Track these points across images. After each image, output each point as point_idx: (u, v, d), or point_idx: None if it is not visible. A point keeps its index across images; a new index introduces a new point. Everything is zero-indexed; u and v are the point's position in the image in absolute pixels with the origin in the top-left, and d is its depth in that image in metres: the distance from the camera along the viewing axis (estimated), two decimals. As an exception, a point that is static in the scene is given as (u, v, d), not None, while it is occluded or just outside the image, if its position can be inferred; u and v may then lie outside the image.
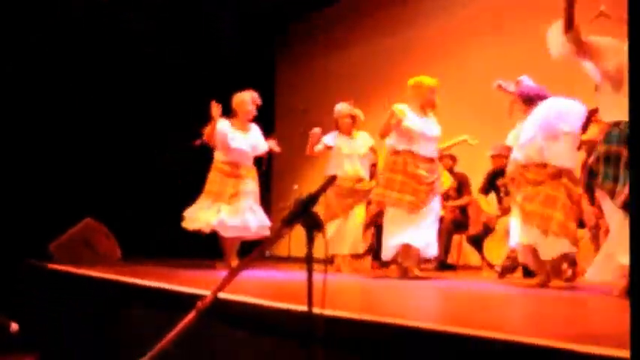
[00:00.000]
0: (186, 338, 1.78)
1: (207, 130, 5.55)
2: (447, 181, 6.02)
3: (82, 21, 7.63)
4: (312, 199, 1.69)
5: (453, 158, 6.43)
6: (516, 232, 4.18)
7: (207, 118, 5.67)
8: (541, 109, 4.18)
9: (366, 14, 8.82)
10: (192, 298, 2.83)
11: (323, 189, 1.75)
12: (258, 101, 5.71)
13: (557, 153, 4.04)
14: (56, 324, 4.28)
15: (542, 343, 1.57)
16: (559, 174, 4.03)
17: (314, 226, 1.66)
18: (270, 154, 6.01)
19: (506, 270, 5.16)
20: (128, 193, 7.69)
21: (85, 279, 4.03)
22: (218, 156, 5.66)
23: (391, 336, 1.88)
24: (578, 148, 4.91)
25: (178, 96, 8.35)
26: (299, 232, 6.00)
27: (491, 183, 5.73)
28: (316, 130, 5.63)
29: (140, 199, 7.76)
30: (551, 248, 3.98)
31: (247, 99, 5.64)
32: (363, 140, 5.76)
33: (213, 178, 5.60)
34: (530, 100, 4.26)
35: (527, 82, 4.43)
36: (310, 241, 1.65)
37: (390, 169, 4.82)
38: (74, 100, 7.57)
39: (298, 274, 5.28)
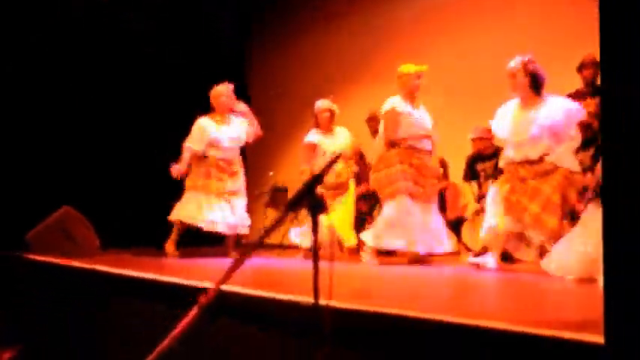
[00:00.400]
0: (188, 334, 1.76)
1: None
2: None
3: (83, 21, 7.52)
4: (317, 179, 1.65)
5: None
6: (492, 216, 4.22)
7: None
8: (548, 110, 4.07)
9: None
10: (179, 289, 2.82)
11: (328, 167, 1.73)
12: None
13: (561, 155, 4.02)
14: (38, 316, 4.21)
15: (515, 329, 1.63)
16: (553, 170, 4.01)
17: (318, 208, 1.61)
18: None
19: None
20: (107, 182, 7.59)
21: (67, 269, 3.96)
22: (210, 153, 5.63)
23: (391, 326, 1.89)
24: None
25: (154, 88, 8.29)
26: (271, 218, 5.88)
27: (472, 168, 5.76)
28: None
29: (119, 188, 7.69)
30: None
31: (224, 91, 5.66)
32: (343, 136, 5.83)
33: (204, 172, 5.58)
34: (537, 86, 4.11)
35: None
36: (315, 224, 1.61)
37: (401, 160, 4.81)
38: (68, 97, 7.44)
39: (283, 261, 5.29)
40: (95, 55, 7.71)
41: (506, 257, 5.29)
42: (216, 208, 5.51)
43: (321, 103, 5.84)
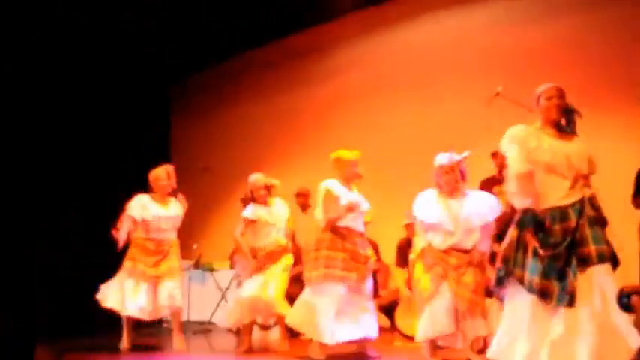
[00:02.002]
0: None
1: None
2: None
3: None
4: None
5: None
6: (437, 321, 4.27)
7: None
8: (476, 204, 4.35)
9: (268, 68, 8.79)
10: None
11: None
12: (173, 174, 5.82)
13: (474, 241, 4.32)
14: None
15: None
16: (480, 259, 4.29)
17: None
18: None
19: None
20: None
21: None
22: (141, 234, 5.60)
23: None
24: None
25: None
26: (197, 294, 5.68)
27: (404, 254, 5.73)
28: None
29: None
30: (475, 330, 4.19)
31: (162, 174, 5.67)
32: (281, 208, 5.64)
33: (135, 256, 5.52)
34: (464, 180, 4.45)
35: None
36: None
37: (328, 246, 4.76)
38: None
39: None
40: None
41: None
42: (136, 293, 5.45)
43: (256, 179, 5.56)
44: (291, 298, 6.33)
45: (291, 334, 6.29)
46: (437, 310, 4.25)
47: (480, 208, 4.32)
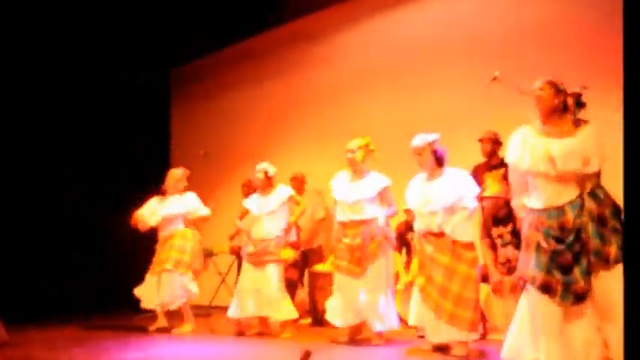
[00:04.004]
0: None
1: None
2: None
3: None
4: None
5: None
6: (414, 312, 4.34)
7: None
8: (443, 182, 4.27)
9: (268, 55, 8.71)
10: None
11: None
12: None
13: (455, 227, 4.18)
14: None
15: None
16: (456, 244, 4.17)
17: None
18: None
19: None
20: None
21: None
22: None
23: None
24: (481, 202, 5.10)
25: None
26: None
27: (403, 237, 5.72)
28: None
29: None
30: (444, 333, 4.14)
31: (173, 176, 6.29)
32: (277, 196, 5.64)
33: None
34: (441, 163, 4.34)
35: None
36: None
37: (336, 238, 4.96)
38: None
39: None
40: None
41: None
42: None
43: (258, 166, 5.74)
44: (289, 282, 6.37)
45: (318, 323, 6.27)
46: (413, 300, 4.34)
47: (447, 188, 4.22)
